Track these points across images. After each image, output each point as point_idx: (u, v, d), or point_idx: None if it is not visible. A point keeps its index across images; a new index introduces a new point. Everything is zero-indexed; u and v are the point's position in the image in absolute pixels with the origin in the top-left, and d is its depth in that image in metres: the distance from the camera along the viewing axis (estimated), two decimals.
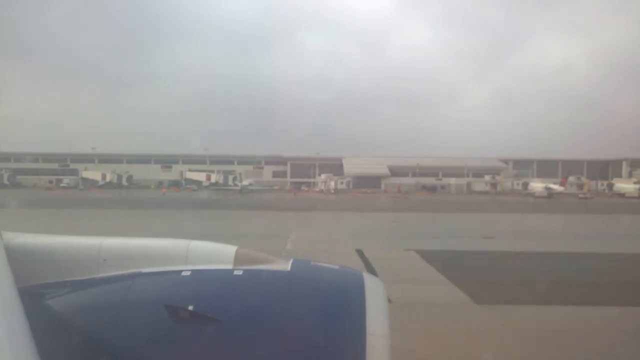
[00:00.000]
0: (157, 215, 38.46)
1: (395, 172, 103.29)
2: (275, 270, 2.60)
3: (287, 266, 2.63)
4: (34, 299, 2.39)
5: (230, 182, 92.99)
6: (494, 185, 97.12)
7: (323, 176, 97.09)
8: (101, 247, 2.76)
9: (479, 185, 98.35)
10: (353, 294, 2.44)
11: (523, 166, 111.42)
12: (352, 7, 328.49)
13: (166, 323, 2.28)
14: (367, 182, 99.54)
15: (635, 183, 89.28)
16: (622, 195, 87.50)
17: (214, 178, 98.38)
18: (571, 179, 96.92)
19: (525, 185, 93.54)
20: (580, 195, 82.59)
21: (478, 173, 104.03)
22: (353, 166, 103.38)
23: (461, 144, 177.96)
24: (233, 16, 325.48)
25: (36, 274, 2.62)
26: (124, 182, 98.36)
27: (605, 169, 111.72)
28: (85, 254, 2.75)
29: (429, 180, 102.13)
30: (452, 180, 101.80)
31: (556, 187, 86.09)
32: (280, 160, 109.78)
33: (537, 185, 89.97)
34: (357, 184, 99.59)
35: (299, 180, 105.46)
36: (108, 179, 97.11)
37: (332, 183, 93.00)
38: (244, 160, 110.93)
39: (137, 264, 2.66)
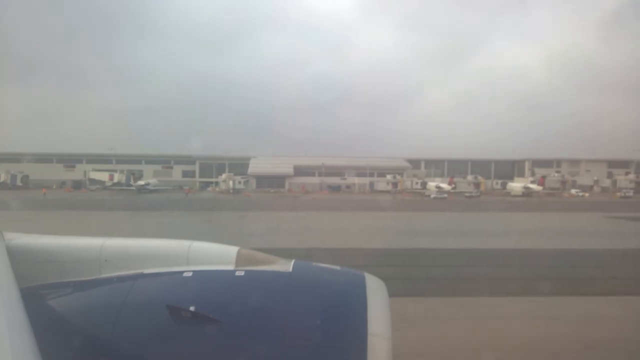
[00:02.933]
0: None
1: (301, 171, 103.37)
2: (276, 271, 2.59)
3: (288, 267, 2.62)
4: (35, 299, 2.40)
5: (132, 182, 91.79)
6: (394, 184, 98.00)
7: (223, 175, 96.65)
8: (103, 247, 2.75)
9: (381, 184, 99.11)
10: (354, 295, 2.43)
11: (435, 166, 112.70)
12: (315, 7, 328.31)
13: (168, 324, 2.27)
14: (271, 182, 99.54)
15: (532, 182, 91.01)
16: (508, 193, 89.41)
17: (116, 178, 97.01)
18: (469, 177, 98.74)
19: (424, 184, 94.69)
20: (466, 194, 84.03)
21: (383, 173, 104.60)
22: (258, 166, 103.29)
23: (421, 144, 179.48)
24: (194, 14, 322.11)
25: (38, 275, 2.62)
26: (19, 183, 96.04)
27: (511, 169, 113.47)
28: (86, 255, 2.74)
29: (334, 180, 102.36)
30: (356, 180, 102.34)
31: (445, 186, 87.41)
32: (189, 160, 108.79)
33: (431, 185, 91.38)
34: (260, 183, 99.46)
35: (207, 179, 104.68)
36: (2, 179, 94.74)
37: (231, 182, 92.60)
38: (152, 160, 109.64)
39: (138, 265, 2.65)
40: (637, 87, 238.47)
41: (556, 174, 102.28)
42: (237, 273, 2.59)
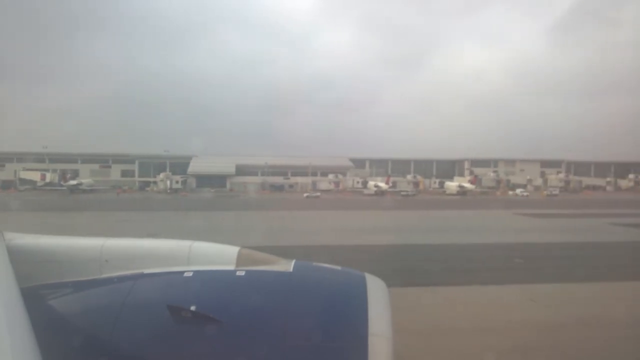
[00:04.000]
0: None
1: (243, 171, 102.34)
2: (277, 271, 2.56)
3: (289, 267, 2.59)
4: (36, 299, 2.35)
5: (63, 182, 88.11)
6: (336, 183, 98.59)
7: (161, 175, 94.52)
8: (103, 247, 2.71)
9: (323, 184, 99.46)
10: (355, 295, 2.40)
11: (379, 165, 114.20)
12: (273, 7, 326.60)
13: (169, 324, 2.24)
14: (212, 181, 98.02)
15: (469, 182, 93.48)
16: (444, 192, 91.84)
17: (49, 177, 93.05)
18: (409, 177, 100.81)
19: (365, 183, 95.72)
20: (402, 193, 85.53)
21: (326, 172, 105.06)
22: (199, 165, 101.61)
23: (377, 144, 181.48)
24: (153, 11, 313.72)
25: (38, 275, 2.57)
26: None
27: (453, 168, 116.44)
28: (87, 255, 2.70)
29: (277, 179, 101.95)
30: (299, 179, 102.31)
31: (383, 185, 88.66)
32: (128, 159, 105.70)
33: (371, 184, 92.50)
34: (201, 183, 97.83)
35: (147, 179, 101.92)
36: None
37: (168, 182, 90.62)
38: (89, 159, 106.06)
39: (139, 265, 2.61)
40: (580, 90, 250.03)
41: (492, 174, 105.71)
42: (238, 273, 2.57)
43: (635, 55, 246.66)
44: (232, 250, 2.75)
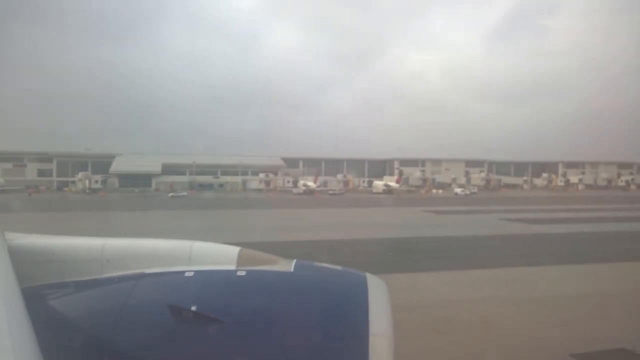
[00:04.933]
0: None
1: (170, 170, 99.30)
2: (278, 271, 2.54)
3: (290, 267, 2.57)
4: (37, 299, 2.34)
5: None
6: (267, 183, 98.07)
7: (80, 174, 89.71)
8: (104, 247, 2.70)
9: (254, 183, 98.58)
10: (356, 295, 2.39)
11: (313, 164, 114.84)
12: (219, 4, 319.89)
13: (170, 324, 2.23)
14: (136, 181, 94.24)
15: (395, 181, 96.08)
16: (371, 191, 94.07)
17: None
18: (339, 176, 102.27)
19: (295, 183, 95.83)
20: (330, 192, 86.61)
21: (258, 171, 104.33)
22: (122, 164, 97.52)
23: (320, 144, 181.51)
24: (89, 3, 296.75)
25: (39, 275, 2.56)
26: None
27: (384, 167, 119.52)
28: (88, 255, 2.69)
29: (206, 179, 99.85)
30: (229, 178, 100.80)
31: (312, 185, 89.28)
32: (45, 157, 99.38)
33: (301, 183, 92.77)
34: (124, 182, 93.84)
35: (66, 179, 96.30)
36: None
37: (87, 182, 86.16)
38: (1, 157, 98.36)
39: (140, 265, 2.60)
40: (510, 94, 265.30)
41: (418, 173, 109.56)
42: (239, 273, 2.53)
43: (561, 61, 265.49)
44: (233, 250, 2.73)
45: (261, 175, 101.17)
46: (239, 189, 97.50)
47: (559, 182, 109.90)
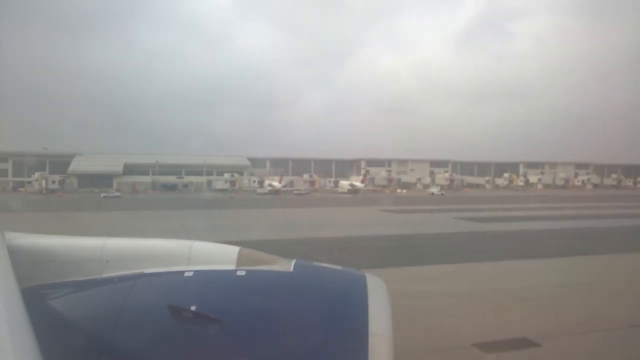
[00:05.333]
0: None
1: (132, 170, 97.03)
2: (277, 271, 2.54)
3: (289, 267, 2.57)
4: (36, 299, 2.34)
5: None
6: (232, 183, 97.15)
7: (36, 174, 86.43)
8: (104, 247, 2.70)
9: (219, 183, 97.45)
10: (355, 295, 2.39)
11: (280, 164, 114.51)
12: (191, 3, 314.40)
13: (169, 324, 2.23)
14: (97, 181, 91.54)
15: (360, 181, 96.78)
16: (336, 190, 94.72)
17: None
18: (305, 176, 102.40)
19: (261, 182, 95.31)
20: (295, 192, 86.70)
21: (223, 171, 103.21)
22: (82, 164, 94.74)
23: (295, 144, 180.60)
24: None
25: (39, 275, 2.56)
26: None
27: (351, 167, 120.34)
28: (88, 255, 2.69)
29: (170, 179, 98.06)
30: (193, 179, 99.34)
31: (277, 184, 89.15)
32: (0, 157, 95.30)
33: (266, 183, 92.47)
34: (84, 182, 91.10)
35: (22, 179, 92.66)
36: None
37: (43, 182, 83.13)
38: None
39: (139, 265, 2.60)
40: (476, 96, 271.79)
41: (384, 173, 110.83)
42: (238, 273, 2.52)
43: (525, 65, 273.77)
44: (233, 250, 2.70)
45: (226, 176, 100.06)
46: (203, 189, 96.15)
47: (519, 181, 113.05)
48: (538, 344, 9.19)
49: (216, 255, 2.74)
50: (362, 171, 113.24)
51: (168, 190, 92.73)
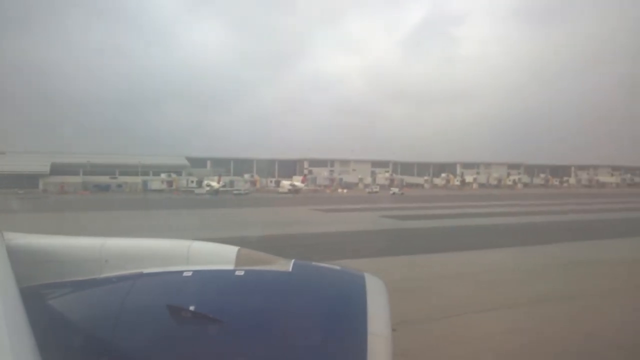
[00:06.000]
0: None
1: (61, 170, 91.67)
2: (276, 271, 2.55)
3: (288, 267, 2.58)
4: (36, 299, 2.35)
5: None
6: (169, 183, 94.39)
7: None
8: (103, 247, 2.71)
9: (155, 183, 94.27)
10: (354, 295, 2.40)
11: (221, 164, 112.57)
12: None
13: (168, 323, 2.24)
14: (20, 182, 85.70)
15: (300, 181, 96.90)
16: (277, 191, 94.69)
17: None
18: (246, 176, 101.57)
19: (200, 183, 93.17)
20: (234, 192, 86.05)
21: (160, 171, 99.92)
22: (4, 164, 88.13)
23: (242, 144, 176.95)
24: None
25: (38, 275, 2.57)
26: None
27: (294, 167, 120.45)
28: (87, 255, 2.69)
29: (103, 179, 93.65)
30: (127, 179, 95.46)
31: (215, 184, 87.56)
32: None
33: (205, 183, 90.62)
34: (4, 183, 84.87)
35: None
36: None
37: None
38: None
39: (138, 265, 2.61)
40: (421, 98, 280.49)
41: (325, 173, 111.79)
42: (237, 273, 2.52)
43: (468, 68, 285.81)
44: (231, 250, 2.68)
45: (163, 176, 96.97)
46: (138, 189, 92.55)
47: (456, 181, 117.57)
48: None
49: (215, 255, 2.74)
50: (305, 171, 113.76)
51: (100, 191, 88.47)
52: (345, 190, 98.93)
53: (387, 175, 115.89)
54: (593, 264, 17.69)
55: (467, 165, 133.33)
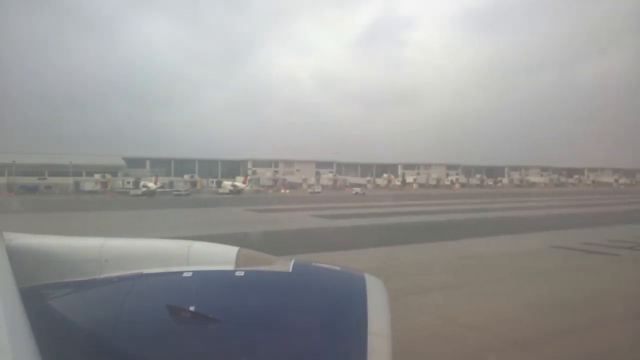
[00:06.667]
0: None
1: None
2: (276, 272, 2.56)
3: (288, 267, 2.58)
4: (35, 299, 2.35)
5: None
6: (104, 184, 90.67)
7: None
8: (103, 247, 2.71)
9: (88, 184, 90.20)
10: (354, 295, 2.40)
11: (161, 165, 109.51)
12: None
13: (168, 324, 2.25)
14: None
15: (242, 182, 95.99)
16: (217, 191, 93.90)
17: None
18: (186, 177, 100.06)
19: (136, 183, 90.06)
20: (174, 193, 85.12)
21: (93, 172, 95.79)
22: None
23: (194, 145, 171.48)
24: None
25: (38, 275, 2.57)
26: None
27: (238, 168, 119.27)
28: (87, 255, 2.70)
29: (30, 180, 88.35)
30: (58, 179, 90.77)
31: (152, 185, 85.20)
32: None
33: (142, 184, 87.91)
34: None
35: None
36: None
37: None
38: None
39: (138, 265, 2.61)
40: (370, 100, 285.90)
41: (269, 173, 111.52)
42: (237, 273, 2.52)
43: (416, 72, 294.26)
44: (231, 250, 2.66)
45: (96, 176, 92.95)
46: (69, 190, 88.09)
47: (397, 181, 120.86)
48: None
49: (215, 255, 2.71)
50: (249, 172, 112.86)
51: (27, 192, 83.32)
52: (287, 191, 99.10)
53: (330, 175, 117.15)
54: (486, 257, 18.74)
55: (408, 166, 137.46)
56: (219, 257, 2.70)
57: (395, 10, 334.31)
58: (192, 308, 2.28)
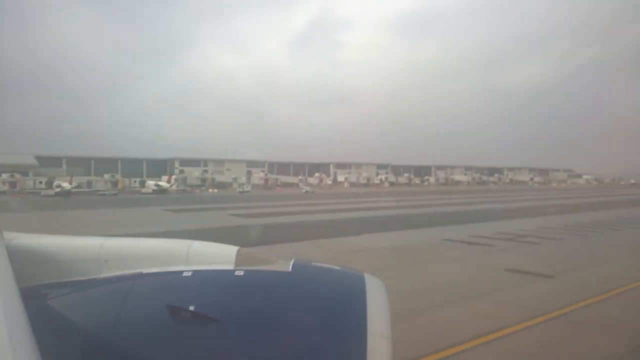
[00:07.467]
0: None
1: None
2: (276, 271, 2.55)
3: (288, 267, 2.58)
4: (35, 299, 2.35)
5: None
6: (13, 184, 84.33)
7: None
8: (102, 247, 2.71)
9: None
10: (354, 295, 2.39)
11: (81, 164, 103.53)
12: None
13: (167, 324, 2.25)
14: None
15: (166, 181, 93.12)
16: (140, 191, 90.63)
17: None
18: (106, 176, 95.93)
19: (49, 183, 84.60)
20: (99, 193, 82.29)
21: (3, 171, 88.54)
22: None
23: (119, 142, 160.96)
24: None
25: (37, 275, 2.58)
26: None
27: (164, 167, 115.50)
28: (86, 255, 2.70)
29: None
30: None
31: (67, 185, 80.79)
32: None
33: (55, 184, 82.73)
34: None
35: None
36: None
37: None
38: None
39: (138, 265, 2.61)
40: (309, 99, 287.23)
41: (197, 173, 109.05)
42: (237, 273, 2.51)
43: (352, 72, 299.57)
44: (231, 250, 2.62)
45: (4, 176, 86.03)
46: None
47: (328, 181, 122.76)
48: None
49: (214, 255, 2.65)
50: (176, 171, 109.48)
51: None
52: (215, 190, 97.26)
53: (261, 174, 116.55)
54: (378, 250, 19.46)
55: (340, 166, 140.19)
56: (219, 256, 2.70)
57: (332, 12, 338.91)
58: (191, 308, 2.28)
